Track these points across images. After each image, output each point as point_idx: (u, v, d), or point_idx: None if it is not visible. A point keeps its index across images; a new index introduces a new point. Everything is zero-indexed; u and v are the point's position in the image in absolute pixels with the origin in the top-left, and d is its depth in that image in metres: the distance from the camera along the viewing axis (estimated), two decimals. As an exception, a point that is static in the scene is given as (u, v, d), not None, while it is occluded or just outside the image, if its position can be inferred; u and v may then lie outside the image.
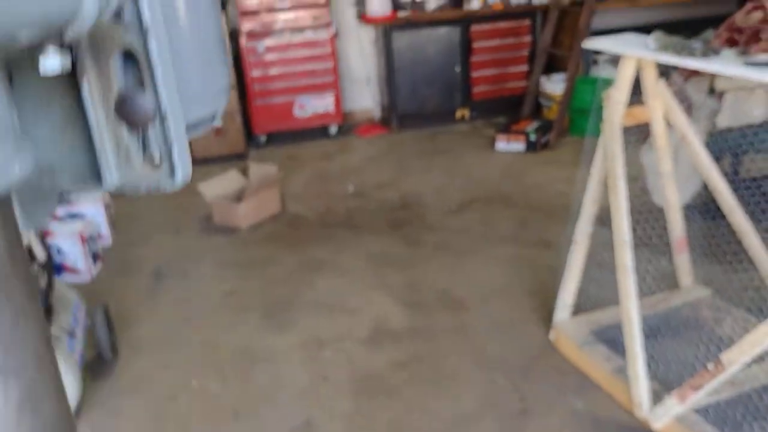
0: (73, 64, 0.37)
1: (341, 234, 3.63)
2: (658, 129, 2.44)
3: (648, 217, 2.69)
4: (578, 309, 2.56)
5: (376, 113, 5.76)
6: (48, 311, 2.37)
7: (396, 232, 3.62)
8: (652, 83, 2.34)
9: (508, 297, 2.89)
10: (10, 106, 0.33)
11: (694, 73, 2.94)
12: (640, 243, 2.53)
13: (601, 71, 5.08)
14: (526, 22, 5.44)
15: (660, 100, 2.39)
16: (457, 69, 5.36)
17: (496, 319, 2.75)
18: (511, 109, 5.42)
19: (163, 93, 0.37)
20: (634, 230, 2.40)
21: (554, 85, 5.17)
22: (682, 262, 2.64)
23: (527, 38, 5.47)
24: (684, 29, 2.77)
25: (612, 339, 2.37)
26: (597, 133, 2.43)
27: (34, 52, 0.30)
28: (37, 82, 0.37)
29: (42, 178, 0.39)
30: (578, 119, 4.85)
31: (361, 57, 5.61)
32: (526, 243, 3.36)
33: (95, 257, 3.42)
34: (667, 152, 2.51)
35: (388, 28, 5.18)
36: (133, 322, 2.92)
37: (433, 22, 5.27)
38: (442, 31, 5.28)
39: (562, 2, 5.08)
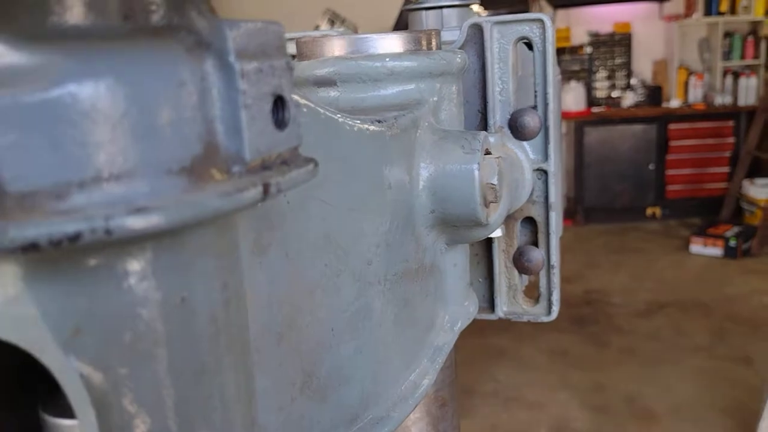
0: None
1: (522, 324, 3.72)
2: None
3: None
4: (784, 435, 2.41)
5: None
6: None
7: (580, 329, 3.63)
8: None
9: (702, 413, 2.79)
10: (467, 259, 0.46)
11: None
12: None
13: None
14: (730, 123, 5.28)
15: None
16: (651, 167, 5.31)
17: (688, 433, 2.66)
18: (707, 211, 5.21)
19: (554, 251, 0.50)
20: None
21: (758, 190, 4.92)
22: None
23: (730, 139, 5.29)
24: None
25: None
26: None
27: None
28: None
29: None
30: (786, 227, 4.55)
31: (551, 151, 5.76)
32: (723, 356, 3.21)
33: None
34: None
35: (579, 123, 5.31)
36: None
37: (628, 119, 5.31)
38: (637, 128, 5.30)
39: (771, 105, 4.89)
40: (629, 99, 5.65)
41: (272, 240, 0.27)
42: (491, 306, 0.53)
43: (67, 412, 0.21)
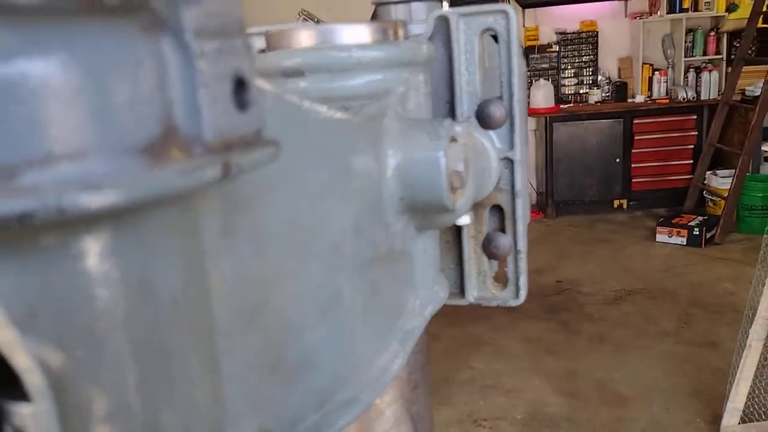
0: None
1: (498, 314, 3.77)
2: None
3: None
4: (748, 417, 2.48)
5: (533, 198, 5.91)
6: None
7: (553, 318, 3.69)
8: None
9: (670, 396, 2.85)
10: (436, 245, 0.47)
11: None
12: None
13: (773, 168, 4.89)
14: (692, 116, 5.41)
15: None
16: (618, 160, 5.40)
17: (658, 418, 2.72)
18: (672, 202, 5.33)
19: (520, 237, 0.51)
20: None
21: (720, 181, 5.04)
22: None
23: (693, 133, 5.42)
24: None
25: (787, 453, 2.27)
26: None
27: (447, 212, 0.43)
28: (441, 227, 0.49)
29: None
30: (747, 216, 4.68)
31: (520, 144, 5.83)
32: (689, 341, 3.29)
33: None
34: None
35: (549, 120, 5.38)
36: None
37: (596, 114, 5.40)
38: (604, 124, 5.39)
39: (731, 99, 5.01)
40: (596, 95, 5.74)
41: (240, 224, 0.27)
42: (462, 291, 0.54)
43: (25, 395, 0.20)
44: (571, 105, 5.61)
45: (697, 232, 4.60)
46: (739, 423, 2.48)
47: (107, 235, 0.19)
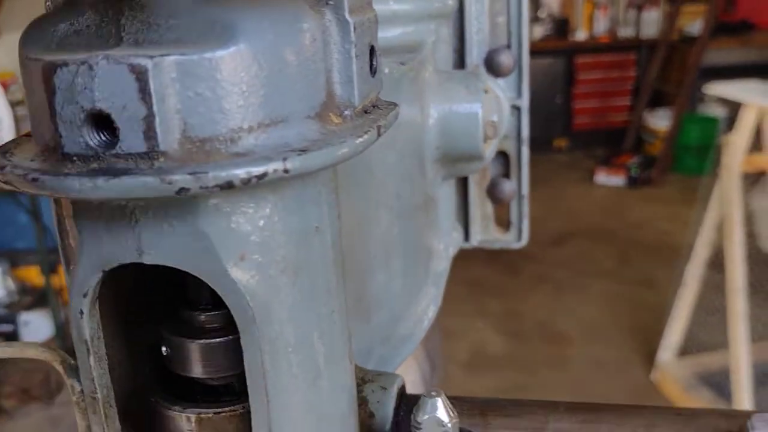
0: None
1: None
2: (778, 177, 2.44)
3: (757, 262, 2.67)
4: (683, 351, 2.58)
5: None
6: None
7: (495, 260, 3.72)
8: (774, 133, 2.36)
9: (609, 333, 2.94)
10: (454, 192, 0.50)
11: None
12: (749, 288, 2.53)
13: (708, 109, 5.01)
14: (632, 55, 5.43)
15: (781, 149, 2.40)
16: (558, 99, 5.41)
17: (597, 355, 2.80)
18: (611, 142, 5.41)
19: (525, 183, 0.54)
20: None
21: (658, 121, 5.14)
22: (794, 311, 2.61)
23: (632, 72, 5.46)
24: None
25: (718, 384, 2.38)
26: (711, 173, 2.47)
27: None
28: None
29: None
30: (683, 156, 4.80)
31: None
32: (627, 280, 3.38)
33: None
34: (785, 200, 2.51)
35: (492, 58, 5.31)
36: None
37: (537, 51, 5.36)
38: (545, 62, 5.36)
39: (670, 37, 5.06)
40: (537, 31, 5.68)
41: (343, 177, 0.29)
42: (466, 236, 0.56)
43: (178, 403, 0.25)
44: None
45: (635, 173, 4.70)
46: (674, 357, 2.58)
47: (295, 190, 0.22)
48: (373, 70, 0.25)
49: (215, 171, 0.18)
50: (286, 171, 0.19)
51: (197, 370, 0.25)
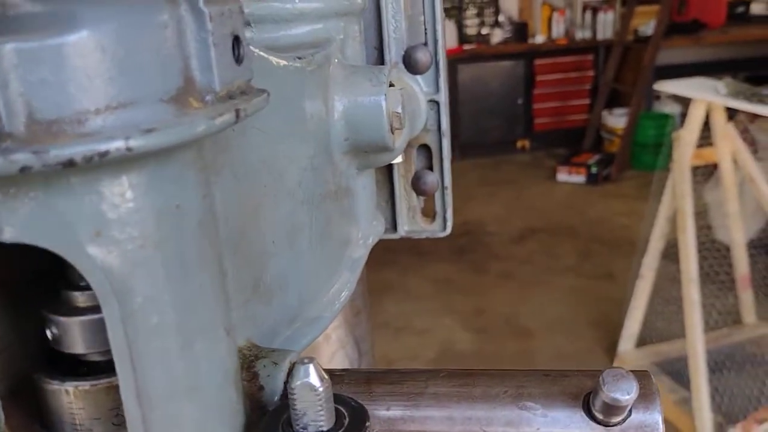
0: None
1: (407, 259, 3.80)
2: (727, 169, 2.52)
3: (711, 252, 2.75)
4: (642, 341, 2.64)
5: (438, 142, 5.95)
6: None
7: (461, 258, 3.76)
8: (722, 126, 2.44)
9: (572, 327, 2.99)
10: (374, 183, 0.52)
11: (758, 116, 3.01)
12: (704, 278, 2.60)
13: (663, 107, 5.14)
14: (590, 57, 5.54)
15: (729, 142, 2.48)
16: (520, 101, 5.49)
17: (561, 347, 2.85)
18: (571, 141, 5.51)
19: (446, 174, 0.56)
20: (699, 266, 2.48)
21: (616, 119, 5.25)
22: (746, 299, 2.69)
23: (590, 73, 5.57)
24: (748, 67, 2.84)
25: (676, 371, 2.44)
26: (665, 168, 2.54)
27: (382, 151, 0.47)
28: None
29: None
30: (640, 153, 4.91)
31: (425, 87, 5.81)
32: (588, 275, 3.45)
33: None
34: (734, 192, 2.59)
35: (453, 61, 5.37)
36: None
37: (498, 55, 5.43)
38: (506, 64, 5.44)
39: (626, 38, 5.17)
40: (497, 36, 5.76)
41: (223, 162, 0.31)
42: (394, 227, 0.59)
43: (58, 377, 0.27)
44: (474, 46, 5.60)
45: (595, 170, 4.79)
46: (634, 347, 2.64)
47: (151, 168, 0.23)
48: (237, 58, 0.26)
49: (57, 150, 0.19)
50: (129, 149, 0.20)
51: (78, 347, 0.26)
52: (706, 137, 2.48)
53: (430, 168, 0.57)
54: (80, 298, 0.26)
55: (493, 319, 3.11)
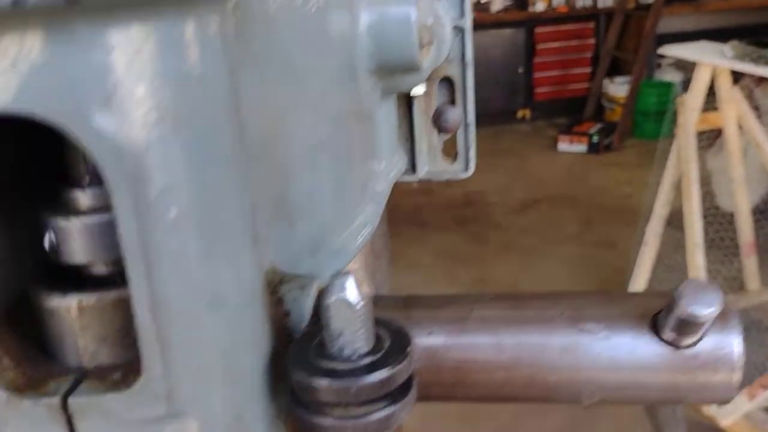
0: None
1: (408, 229, 3.77)
2: (732, 134, 2.48)
3: (716, 218, 2.73)
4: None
5: (437, 113, 5.89)
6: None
7: (462, 229, 3.73)
8: (727, 90, 2.40)
9: (574, 295, 2.98)
10: (395, 115, 0.49)
11: (764, 80, 2.97)
12: (708, 244, 2.58)
13: (665, 75, 5.07)
14: (590, 24, 5.46)
15: (734, 106, 2.44)
16: (520, 70, 5.42)
17: (563, 315, 2.84)
18: (572, 110, 5.45)
19: (470, 109, 0.53)
20: (704, 232, 2.45)
21: (617, 88, 5.19)
22: (750, 265, 2.67)
23: (591, 41, 5.49)
24: (748, 34, 2.79)
25: (680, 338, 2.43)
26: (669, 135, 2.50)
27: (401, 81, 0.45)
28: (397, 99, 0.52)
29: None
30: (642, 122, 4.86)
31: (424, 57, 5.74)
32: (591, 243, 3.42)
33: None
34: (739, 157, 2.56)
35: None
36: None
37: (497, 23, 5.35)
38: (506, 33, 5.35)
39: (627, 6, 5.09)
40: (497, 3, 5.66)
41: (249, 57, 0.28)
42: (413, 167, 0.55)
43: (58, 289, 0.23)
44: (473, 14, 5.52)
45: (596, 139, 4.74)
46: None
47: (168, 23, 0.20)
48: None
49: None
50: None
51: (81, 255, 0.22)
52: (710, 102, 2.44)
53: (452, 102, 0.55)
54: (83, 198, 0.23)
55: (495, 288, 3.09)
